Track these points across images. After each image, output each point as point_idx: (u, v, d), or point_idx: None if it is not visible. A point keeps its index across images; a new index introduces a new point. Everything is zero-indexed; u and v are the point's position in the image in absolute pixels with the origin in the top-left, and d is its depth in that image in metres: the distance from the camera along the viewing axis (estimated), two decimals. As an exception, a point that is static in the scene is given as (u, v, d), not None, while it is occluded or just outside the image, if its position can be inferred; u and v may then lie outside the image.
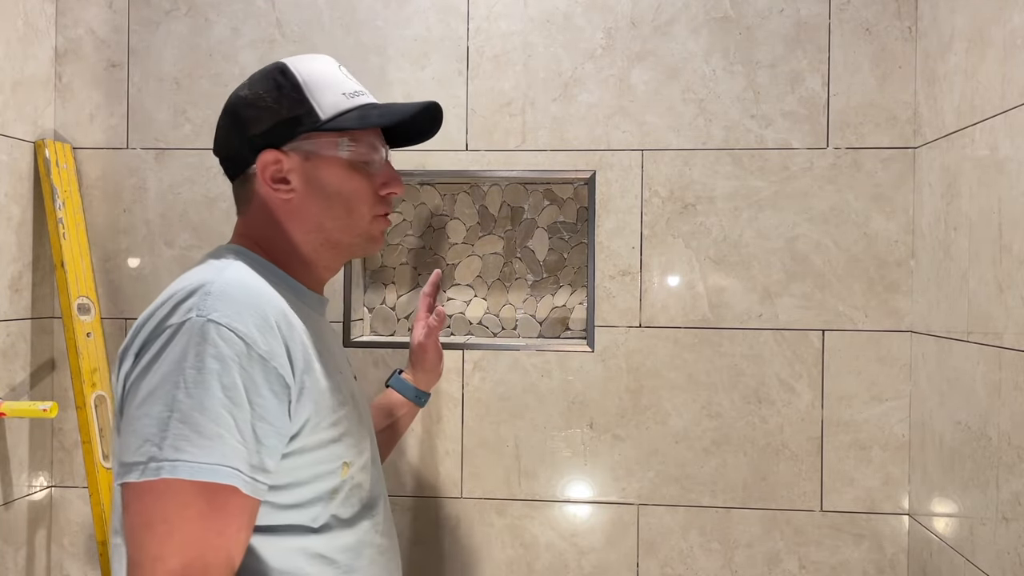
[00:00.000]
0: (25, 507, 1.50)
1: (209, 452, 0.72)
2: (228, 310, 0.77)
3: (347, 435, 0.89)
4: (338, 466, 0.87)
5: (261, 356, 0.77)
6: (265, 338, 0.78)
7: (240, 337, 0.76)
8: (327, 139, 0.91)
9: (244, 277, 0.84)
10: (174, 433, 0.72)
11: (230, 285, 0.80)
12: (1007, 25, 1.14)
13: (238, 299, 0.79)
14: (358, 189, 0.92)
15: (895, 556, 1.45)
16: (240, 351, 0.75)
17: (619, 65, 1.49)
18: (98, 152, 1.57)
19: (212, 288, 0.79)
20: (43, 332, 1.54)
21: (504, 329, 1.60)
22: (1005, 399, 1.13)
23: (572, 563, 1.50)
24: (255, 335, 0.77)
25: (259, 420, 0.76)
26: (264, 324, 0.79)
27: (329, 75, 0.93)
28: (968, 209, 1.24)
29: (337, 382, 0.89)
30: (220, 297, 0.78)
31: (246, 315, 0.78)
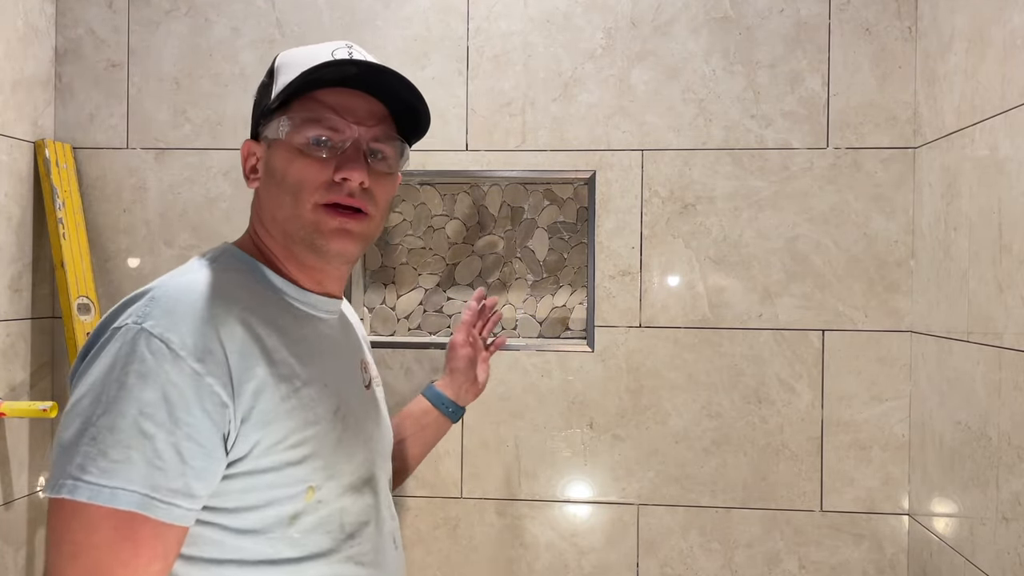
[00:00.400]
0: (25, 507, 1.50)
1: (112, 475, 0.67)
2: (166, 319, 0.72)
3: (315, 457, 0.79)
4: (300, 490, 0.78)
5: (194, 371, 0.70)
6: (201, 352, 0.71)
7: (171, 349, 0.70)
8: (273, 122, 0.83)
9: (200, 283, 0.77)
10: (83, 451, 0.67)
11: (180, 290, 0.75)
12: (1007, 25, 1.14)
13: (181, 308, 0.73)
14: (302, 174, 0.81)
15: (895, 556, 1.45)
16: (169, 365, 0.70)
17: (619, 65, 1.49)
18: (98, 152, 1.57)
19: (159, 293, 0.74)
20: (43, 332, 1.54)
21: (504, 329, 1.60)
22: (1005, 399, 1.13)
23: (572, 563, 1.50)
24: (189, 348, 0.71)
25: (185, 440, 0.69)
26: (203, 337, 0.72)
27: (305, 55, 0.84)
28: (968, 209, 1.24)
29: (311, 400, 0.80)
30: (163, 303, 0.73)
31: (183, 326, 0.72)
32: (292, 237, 0.83)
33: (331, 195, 0.81)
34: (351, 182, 0.81)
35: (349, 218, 0.82)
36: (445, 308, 1.61)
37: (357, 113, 0.83)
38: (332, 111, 0.82)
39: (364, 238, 0.85)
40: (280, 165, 0.82)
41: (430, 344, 1.53)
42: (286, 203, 0.82)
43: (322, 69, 0.80)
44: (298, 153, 0.81)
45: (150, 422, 0.68)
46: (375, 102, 0.85)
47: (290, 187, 0.81)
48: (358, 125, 0.83)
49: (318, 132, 0.81)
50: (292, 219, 0.82)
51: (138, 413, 0.68)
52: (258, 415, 0.75)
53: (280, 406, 0.77)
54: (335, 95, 0.83)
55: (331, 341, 0.89)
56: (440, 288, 1.61)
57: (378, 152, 0.85)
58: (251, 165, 0.87)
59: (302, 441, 0.78)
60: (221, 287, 0.78)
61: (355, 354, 0.96)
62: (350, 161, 0.81)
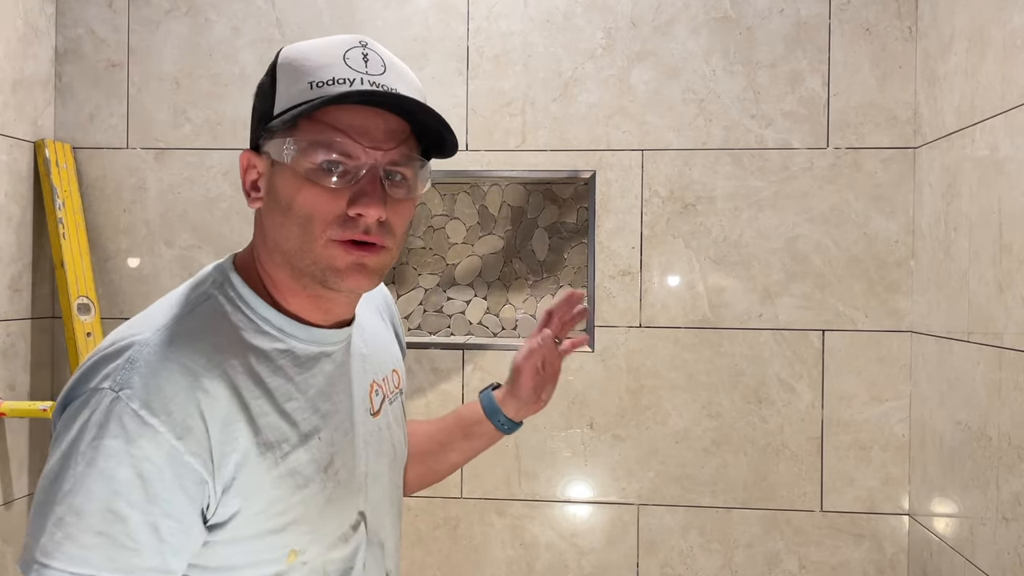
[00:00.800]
0: (25, 507, 1.50)
1: (81, 563, 0.63)
2: (143, 390, 0.66)
3: (300, 522, 0.75)
4: (283, 554, 0.74)
5: (173, 448, 0.66)
6: (181, 429, 0.66)
7: (148, 425, 0.65)
8: (276, 140, 0.73)
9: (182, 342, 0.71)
10: (50, 532, 0.64)
11: (159, 353, 0.69)
12: (1007, 25, 1.14)
13: (161, 375, 0.67)
14: (311, 205, 0.71)
15: (895, 556, 1.45)
16: (146, 441, 0.65)
17: (619, 65, 1.49)
18: (98, 152, 1.57)
19: (139, 354, 0.68)
20: (43, 332, 1.54)
21: (504, 329, 1.60)
22: (1005, 399, 1.12)
23: (572, 563, 1.50)
24: (168, 424, 0.66)
25: (163, 517, 0.66)
26: (184, 411, 0.67)
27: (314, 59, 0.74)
28: (968, 209, 1.24)
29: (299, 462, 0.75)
30: (141, 369, 0.67)
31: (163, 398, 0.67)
32: (300, 271, 0.74)
33: (345, 232, 0.71)
34: (366, 219, 0.71)
35: (366, 252, 0.72)
36: (445, 308, 1.61)
37: (373, 135, 0.72)
38: (344, 134, 0.71)
39: (380, 272, 0.76)
40: (286, 192, 0.72)
41: (430, 344, 1.52)
42: (294, 235, 0.73)
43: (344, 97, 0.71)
44: (306, 180, 0.71)
45: (123, 502, 0.64)
46: (393, 118, 0.75)
47: (298, 218, 0.72)
48: (374, 149, 0.72)
49: (329, 158, 0.71)
50: (301, 254, 0.73)
51: (111, 493, 0.64)
52: (239, 486, 0.70)
53: (264, 477, 0.72)
54: (348, 113, 0.72)
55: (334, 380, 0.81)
56: (440, 288, 1.61)
57: (396, 175, 0.74)
58: (252, 180, 0.77)
59: (286, 509, 0.73)
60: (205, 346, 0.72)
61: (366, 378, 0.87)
62: (366, 195, 0.71)
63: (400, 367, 0.96)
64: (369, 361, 0.87)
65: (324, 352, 0.80)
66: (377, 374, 0.89)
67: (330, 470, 0.77)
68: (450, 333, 1.61)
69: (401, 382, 0.95)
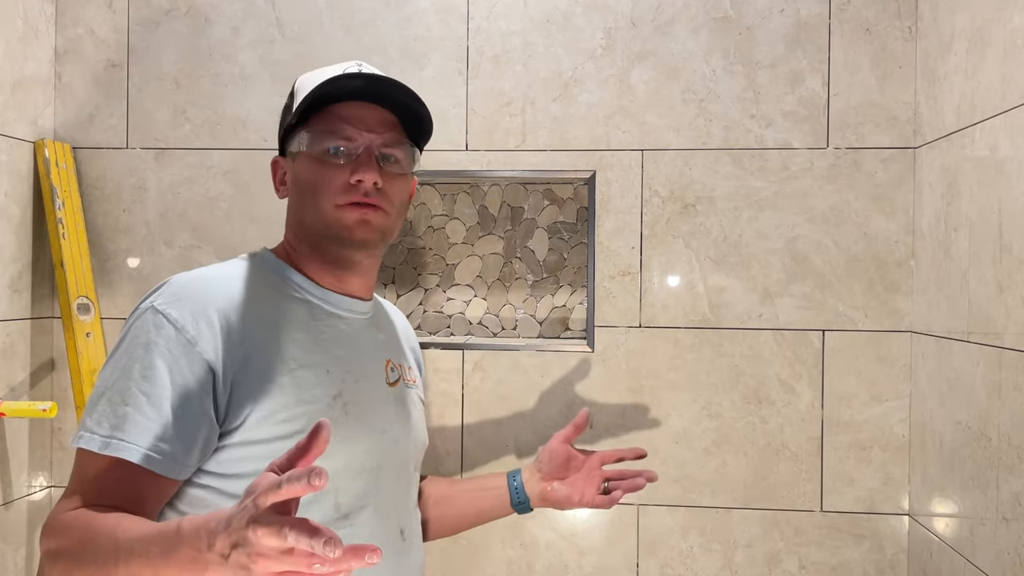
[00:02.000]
0: (25, 507, 1.50)
1: (115, 428, 0.80)
2: (171, 299, 0.85)
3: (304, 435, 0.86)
4: None
5: (188, 341, 0.82)
6: (197, 325, 0.83)
7: (170, 322, 0.83)
8: (295, 137, 0.94)
9: (212, 273, 0.91)
10: (99, 409, 0.81)
11: (191, 278, 0.88)
12: (1007, 25, 1.14)
13: (186, 290, 0.86)
14: (323, 179, 0.92)
15: (895, 556, 1.45)
16: (168, 336, 0.82)
17: (619, 65, 1.49)
18: (98, 152, 1.57)
19: (175, 279, 0.88)
20: (43, 332, 1.54)
21: (504, 329, 1.60)
22: (1005, 399, 1.13)
23: (572, 563, 1.50)
24: (186, 321, 0.83)
25: (176, 404, 0.80)
26: (200, 313, 0.84)
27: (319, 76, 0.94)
28: (968, 209, 1.24)
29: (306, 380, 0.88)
30: (173, 287, 0.87)
31: (185, 303, 0.84)
32: (320, 235, 0.93)
33: (350, 196, 0.91)
34: (365, 183, 0.91)
35: (367, 210, 0.92)
36: (445, 308, 1.61)
37: (368, 122, 0.93)
38: (345, 122, 0.92)
39: (383, 230, 0.94)
40: (304, 174, 0.93)
41: (430, 344, 1.53)
42: (311, 206, 0.92)
43: (331, 83, 0.90)
44: (318, 162, 0.92)
45: (151, 384, 0.80)
46: (384, 111, 0.95)
47: (313, 192, 0.92)
48: (369, 133, 0.93)
49: (334, 142, 0.92)
50: (318, 220, 0.92)
51: (141, 377, 0.81)
52: (247, 388, 0.84)
53: (271, 382, 0.85)
54: (347, 108, 0.93)
55: (348, 337, 0.97)
56: (440, 288, 1.61)
57: (390, 156, 0.94)
58: (280, 178, 0.99)
59: (293, 417, 0.86)
60: (231, 278, 0.90)
61: (380, 353, 1.02)
62: (363, 165, 0.91)
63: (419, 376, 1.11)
64: (385, 344, 1.03)
65: (337, 314, 0.96)
66: (393, 356, 1.04)
67: (339, 400, 0.91)
68: (450, 333, 1.61)
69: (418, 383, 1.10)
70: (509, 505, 1.16)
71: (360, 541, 0.88)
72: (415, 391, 1.08)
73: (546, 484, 1.15)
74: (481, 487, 1.18)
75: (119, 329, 1.55)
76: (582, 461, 1.16)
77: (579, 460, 1.16)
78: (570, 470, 1.16)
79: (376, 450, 0.95)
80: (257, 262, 0.96)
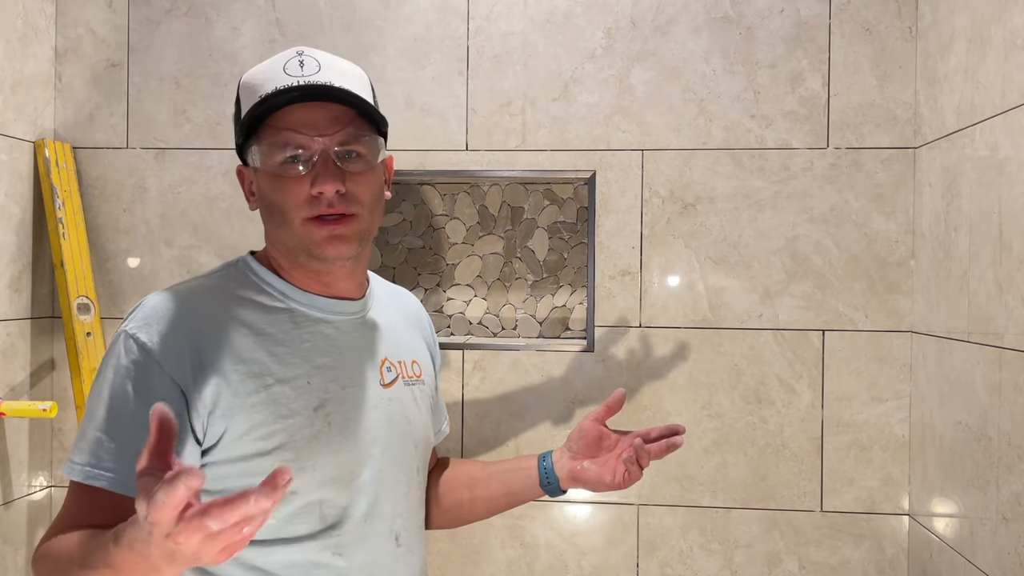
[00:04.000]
0: (25, 507, 1.50)
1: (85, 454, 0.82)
2: (142, 322, 0.85)
3: (286, 449, 0.85)
4: None
5: (158, 363, 0.82)
6: (168, 348, 0.83)
7: (139, 345, 0.83)
8: (250, 151, 0.90)
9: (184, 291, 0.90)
10: (80, 437, 0.83)
11: (162, 299, 0.87)
12: (1007, 25, 1.14)
13: (156, 312, 0.86)
14: (285, 194, 0.86)
15: (895, 556, 1.45)
16: (137, 359, 0.83)
17: (619, 65, 1.49)
18: (98, 152, 1.57)
19: (147, 301, 0.88)
20: (43, 332, 1.54)
21: (504, 329, 1.60)
22: (1005, 399, 1.13)
23: (572, 563, 1.50)
24: (156, 344, 0.83)
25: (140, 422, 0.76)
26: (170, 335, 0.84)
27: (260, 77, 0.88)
28: (968, 209, 1.24)
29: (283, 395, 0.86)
30: (144, 309, 0.87)
31: (155, 326, 0.84)
32: (292, 250, 0.90)
33: (313, 209, 0.86)
34: (326, 193, 0.86)
35: (336, 224, 0.87)
36: (445, 308, 1.61)
37: (318, 125, 0.86)
38: (293, 130, 0.86)
39: (357, 236, 0.89)
40: (266, 189, 0.89)
41: (430, 344, 1.52)
42: (279, 222, 0.89)
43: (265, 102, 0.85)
44: (277, 177, 0.87)
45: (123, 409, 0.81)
46: (336, 107, 0.87)
47: (278, 208, 0.88)
48: (321, 137, 0.86)
49: (287, 153, 0.86)
50: (287, 235, 0.89)
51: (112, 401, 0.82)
52: (223, 408, 0.84)
53: (246, 400, 0.85)
54: (295, 112, 0.86)
55: (334, 343, 0.93)
56: (440, 288, 1.61)
57: (351, 153, 0.88)
58: (248, 188, 0.95)
59: (271, 434, 0.85)
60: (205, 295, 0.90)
61: (374, 353, 0.98)
62: (321, 175, 0.85)
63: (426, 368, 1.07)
64: (382, 342, 0.99)
65: (324, 319, 0.93)
66: (391, 354, 1.00)
67: (320, 411, 0.89)
68: (450, 333, 1.61)
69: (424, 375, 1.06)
70: (539, 486, 1.09)
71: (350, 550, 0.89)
72: (418, 387, 1.03)
73: (575, 463, 1.07)
74: (513, 468, 1.13)
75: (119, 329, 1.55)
76: (615, 441, 1.08)
77: (611, 440, 1.08)
78: (602, 449, 1.07)
79: (364, 458, 0.92)
80: (237, 272, 0.94)
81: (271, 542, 0.86)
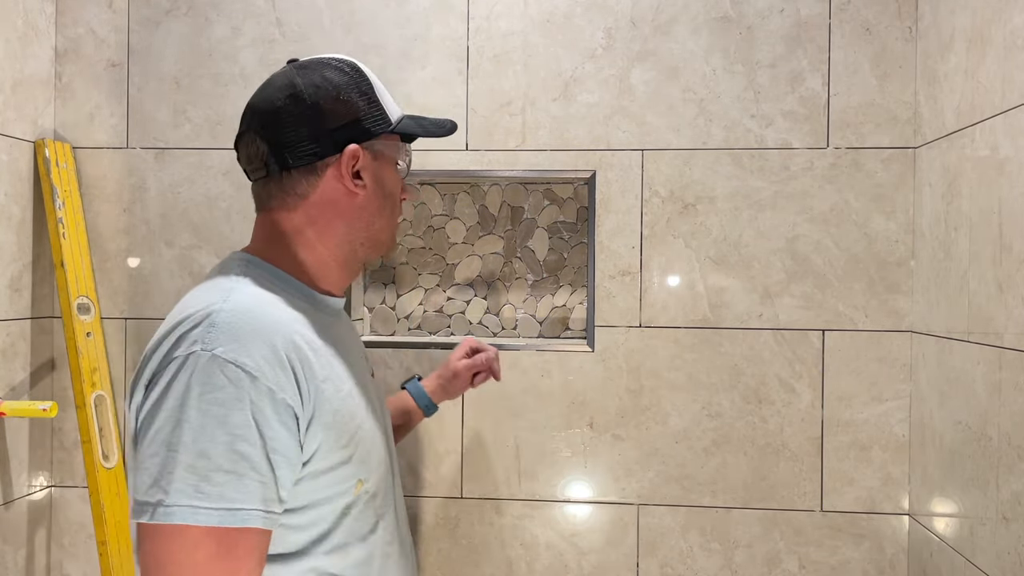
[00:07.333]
0: (25, 507, 1.50)
1: (216, 498, 0.72)
2: (234, 343, 0.75)
3: (359, 452, 0.87)
4: (351, 484, 0.86)
5: (269, 388, 0.75)
6: (273, 370, 0.76)
7: (247, 372, 0.74)
8: (395, 143, 0.96)
9: (251, 303, 0.81)
10: (180, 477, 0.71)
11: (236, 314, 0.78)
12: (1007, 25, 1.14)
13: (244, 330, 0.77)
14: (398, 196, 0.98)
15: (895, 556, 1.45)
16: (247, 386, 0.74)
17: (619, 65, 1.49)
18: (98, 152, 1.57)
19: (217, 319, 0.77)
20: (43, 332, 1.54)
21: (504, 329, 1.60)
22: (1005, 399, 1.13)
23: (572, 563, 1.50)
24: (263, 368, 0.76)
25: (272, 452, 0.75)
26: (272, 355, 0.77)
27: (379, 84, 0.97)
28: (968, 209, 1.24)
29: (351, 399, 0.88)
30: (225, 329, 0.76)
31: (252, 347, 0.76)
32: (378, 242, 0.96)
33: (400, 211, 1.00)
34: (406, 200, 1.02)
35: None
36: (445, 308, 1.61)
37: None
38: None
39: None
40: (390, 182, 0.95)
41: (430, 344, 1.52)
42: (388, 213, 0.95)
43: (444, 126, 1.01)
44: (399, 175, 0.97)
45: (245, 443, 0.73)
46: None
47: (393, 201, 0.97)
48: None
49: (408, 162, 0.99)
50: (387, 227, 0.96)
51: (231, 436, 0.73)
52: (318, 422, 0.81)
53: (337, 411, 0.84)
54: None
55: (346, 338, 0.96)
56: (440, 288, 1.61)
57: None
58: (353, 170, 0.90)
59: (349, 441, 0.85)
60: (271, 306, 0.83)
61: (361, 347, 1.04)
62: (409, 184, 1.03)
63: None
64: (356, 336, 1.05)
65: (331, 318, 0.94)
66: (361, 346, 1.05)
67: (367, 410, 0.92)
68: (450, 333, 1.61)
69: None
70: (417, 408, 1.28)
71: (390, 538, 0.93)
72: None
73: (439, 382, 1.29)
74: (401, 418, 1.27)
75: (119, 329, 1.55)
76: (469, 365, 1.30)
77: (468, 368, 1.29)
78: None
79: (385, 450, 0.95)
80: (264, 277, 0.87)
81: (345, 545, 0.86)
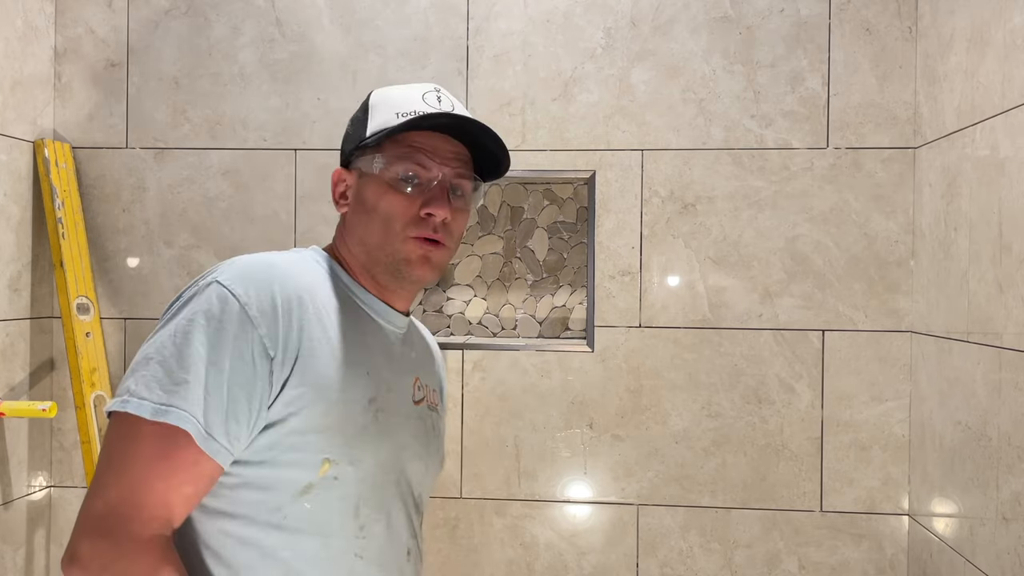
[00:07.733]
0: (24, 507, 1.50)
1: (171, 395, 0.75)
2: (235, 276, 0.82)
3: (338, 432, 0.85)
4: (317, 460, 0.83)
5: (251, 320, 0.80)
6: (262, 307, 0.81)
7: (235, 298, 0.80)
8: (367, 156, 0.93)
9: (277, 259, 0.88)
10: (149, 373, 0.77)
11: (256, 259, 0.86)
12: (1007, 25, 1.14)
13: (251, 270, 0.83)
14: (393, 207, 0.90)
15: (895, 556, 1.45)
16: (232, 311, 0.79)
17: (619, 65, 1.49)
18: (97, 152, 1.57)
19: (238, 260, 0.85)
20: (43, 332, 1.54)
21: (504, 329, 1.60)
22: (1005, 399, 1.12)
23: (572, 563, 1.50)
24: (251, 301, 0.80)
25: (233, 383, 0.78)
26: (267, 296, 0.82)
27: (398, 97, 0.94)
28: (968, 209, 1.24)
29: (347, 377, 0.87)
30: (236, 265, 0.84)
31: (250, 283, 0.81)
32: (377, 261, 0.92)
33: (420, 229, 0.90)
34: (436, 217, 0.90)
35: (432, 247, 0.91)
36: (445, 308, 1.61)
37: (443, 155, 0.92)
38: (422, 152, 0.91)
39: (441, 267, 0.94)
40: (372, 197, 0.91)
41: (430, 344, 1.52)
42: (377, 231, 0.91)
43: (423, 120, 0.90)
44: (388, 187, 0.90)
45: (208, 359, 0.77)
46: (458, 144, 0.94)
47: (381, 218, 0.90)
48: (443, 164, 0.92)
49: (409, 169, 0.90)
50: (382, 246, 0.91)
51: (203, 349, 0.77)
52: (300, 375, 0.82)
53: (320, 372, 0.84)
54: (424, 137, 0.92)
55: (386, 345, 0.95)
56: (440, 288, 1.61)
57: (457, 189, 0.94)
58: (341, 191, 0.96)
59: (329, 409, 0.84)
60: (293, 266, 0.88)
61: (411, 369, 1.01)
62: (436, 199, 0.90)
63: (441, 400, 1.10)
64: (416, 361, 1.03)
65: (378, 323, 0.95)
66: (421, 375, 1.03)
67: (372, 405, 0.90)
68: (450, 333, 1.61)
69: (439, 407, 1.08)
70: None
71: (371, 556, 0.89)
72: (436, 415, 1.05)
73: None
74: None
75: (119, 329, 1.55)
76: None
77: None
78: None
79: (397, 464, 0.93)
80: (314, 256, 0.95)
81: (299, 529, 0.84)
